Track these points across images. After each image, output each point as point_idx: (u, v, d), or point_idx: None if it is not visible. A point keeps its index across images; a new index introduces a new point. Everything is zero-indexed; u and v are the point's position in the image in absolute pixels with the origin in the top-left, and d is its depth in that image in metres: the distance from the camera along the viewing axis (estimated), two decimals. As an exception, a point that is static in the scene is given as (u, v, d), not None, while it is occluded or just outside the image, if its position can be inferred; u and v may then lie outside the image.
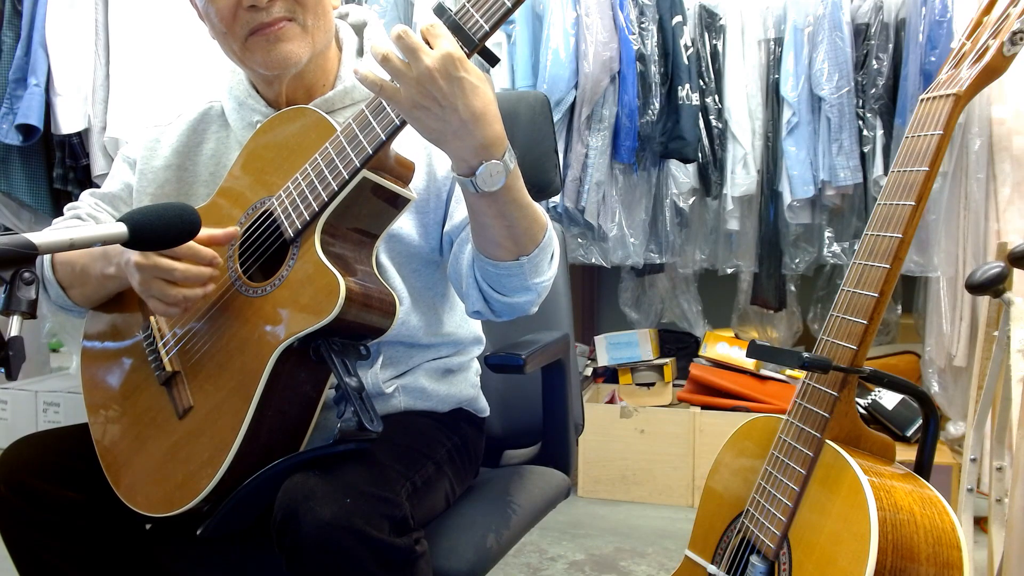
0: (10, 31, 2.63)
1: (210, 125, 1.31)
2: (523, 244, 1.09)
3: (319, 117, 1.13)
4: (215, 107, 1.32)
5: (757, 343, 1.21)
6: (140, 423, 1.16)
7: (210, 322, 1.14)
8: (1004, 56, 1.11)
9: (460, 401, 1.33)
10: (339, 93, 1.23)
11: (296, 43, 1.16)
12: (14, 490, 1.15)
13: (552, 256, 1.15)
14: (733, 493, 1.25)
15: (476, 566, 1.16)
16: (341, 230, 1.10)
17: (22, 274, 0.84)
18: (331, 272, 1.04)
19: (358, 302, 1.04)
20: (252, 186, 1.17)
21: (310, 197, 1.08)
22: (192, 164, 1.30)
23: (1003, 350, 1.59)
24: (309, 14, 1.17)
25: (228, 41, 1.18)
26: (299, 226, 1.08)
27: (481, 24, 0.98)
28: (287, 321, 1.06)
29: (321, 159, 1.08)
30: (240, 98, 1.27)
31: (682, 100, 2.75)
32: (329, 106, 1.22)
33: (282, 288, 1.08)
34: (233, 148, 1.28)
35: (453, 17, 0.99)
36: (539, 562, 2.42)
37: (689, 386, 3.00)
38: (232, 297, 1.12)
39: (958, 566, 1.01)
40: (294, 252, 1.09)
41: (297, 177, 1.10)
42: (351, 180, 1.06)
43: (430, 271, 1.27)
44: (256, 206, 1.15)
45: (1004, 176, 2.59)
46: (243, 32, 1.15)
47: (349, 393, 1.02)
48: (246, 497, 1.04)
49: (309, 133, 1.13)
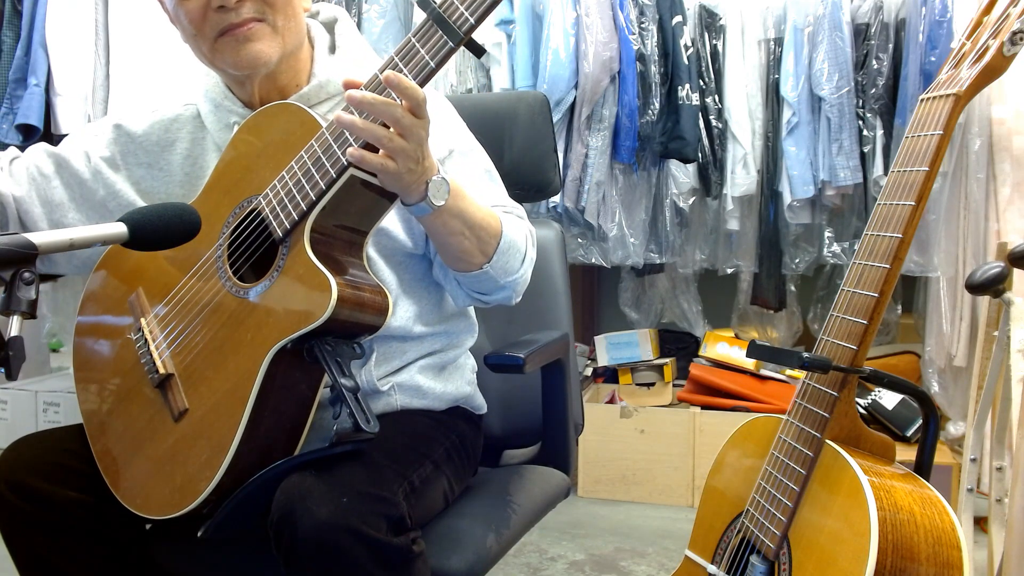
0: (10, 31, 2.63)
1: (184, 127, 1.30)
2: (485, 246, 1.14)
3: (304, 113, 1.12)
4: (189, 110, 1.31)
5: (757, 343, 1.21)
6: (136, 426, 1.15)
7: (202, 324, 1.12)
8: (1004, 56, 1.11)
9: (457, 399, 1.33)
10: (314, 88, 1.23)
11: (265, 43, 1.16)
12: (14, 490, 1.15)
13: (524, 254, 1.20)
14: (733, 493, 1.25)
15: (475, 566, 1.16)
16: (330, 228, 1.09)
17: (22, 274, 0.84)
18: (322, 273, 1.03)
19: (350, 302, 1.04)
20: (238, 184, 1.16)
21: (297, 196, 1.07)
22: (167, 164, 1.29)
23: (1003, 350, 1.59)
24: (279, 15, 1.17)
25: (198, 43, 1.18)
26: (288, 225, 1.07)
27: (467, 17, 0.98)
28: (279, 322, 1.05)
29: (307, 156, 1.07)
30: (216, 100, 1.27)
31: (682, 100, 2.75)
32: (305, 102, 1.21)
33: (274, 288, 1.07)
34: (210, 150, 1.27)
35: (437, 10, 0.99)
36: (539, 562, 2.42)
37: (689, 386, 3.00)
38: (223, 298, 1.11)
39: (958, 566, 1.01)
40: (283, 252, 1.08)
41: (284, 175, 1.09)
42: (339, 178, 1.05)
43: (415, 262, 1.28)
44: (243, 204, 1.14)
45: (1004, 176, 2.59)
46: (212, 33, 1.15)
47: (344, 394, 1.02)
48: (246, 498, 1.03)
49: (294, 129, 1.11)
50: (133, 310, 1.20)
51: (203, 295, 1.13)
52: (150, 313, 1.19)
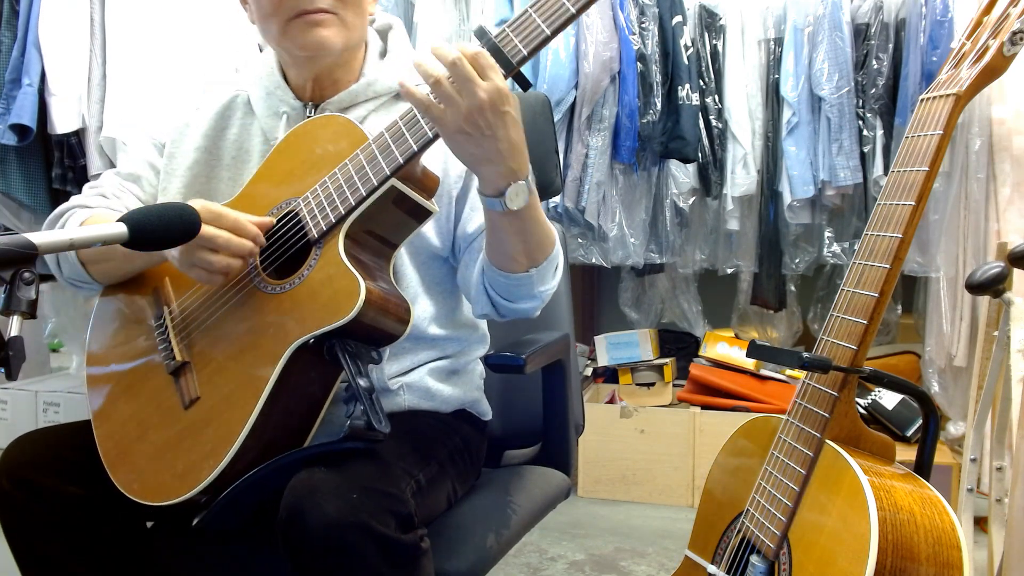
0: (8, 31, 2.62)
1: (235, 112, 1.35)
2: (535, 257, 1.15)
3: (351, 125, 1.15)
4: (241, 96, 1.36)
5: (757, 343, 1.21)
6: (144, 411, 1.16)
7: (226, 315, 1.14)
8: (1004, 56, 1.11)
9: (463, 403, 1.34)
10: (362, 86, 1.29)
11: (333, 31, 1.22)
12: (17, 485, 1.16)
13: (557, 267, 1.21)
14: (733, 493, 1.25)
15: (476, 566, 1.16)
16: (364, 236, 1.12)
17: (22, 274, 0.84)
18: (352, 274, 1.06)
19: (376, 305, 1.06)
20: (279, 186, 1.19)
21: (337, 201, 1.10)
22: (217, 148, 1.34)
23: (1003, 350, 1.59)
24: (349, 11, 1.23)
25: (271, 22, 1.23)
26: (324, 228, 1.10)
27: (520, 49, 1.01)
28: (305, 319, 1.07)
29: (352, 165, 1.10)
30: (269, 88, 1.31)
31: (682, 100, 2.75)
32: (353, 98, 1.28)
33: (302, 286, 1.10)
34: (256, 135, 1.32)
35: (493, 40, 1.01)
36: (539, 562, 2.42)
37: (689, 386, 3.00)
38: (250, 293, 1.13)
39: (958, 566, 1.01)
40: (316, 253, 1.11)
41: (326, 180, 1.12)
42: (379, 187, 1.08)
43: (439, 264, 1.30)
44: (281, 206, 1.17)
45: (1004, 176, 2.59)
46: (287, 14, 1.21)
47: (360, 393, 1.03)
48: (245, 491, 1.04)
49: (340, 140, 1.15)
50: (157, 299, 1.22)
51: (230, 289, 1.15)
52: (174, 303, 1.21)
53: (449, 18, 2.81)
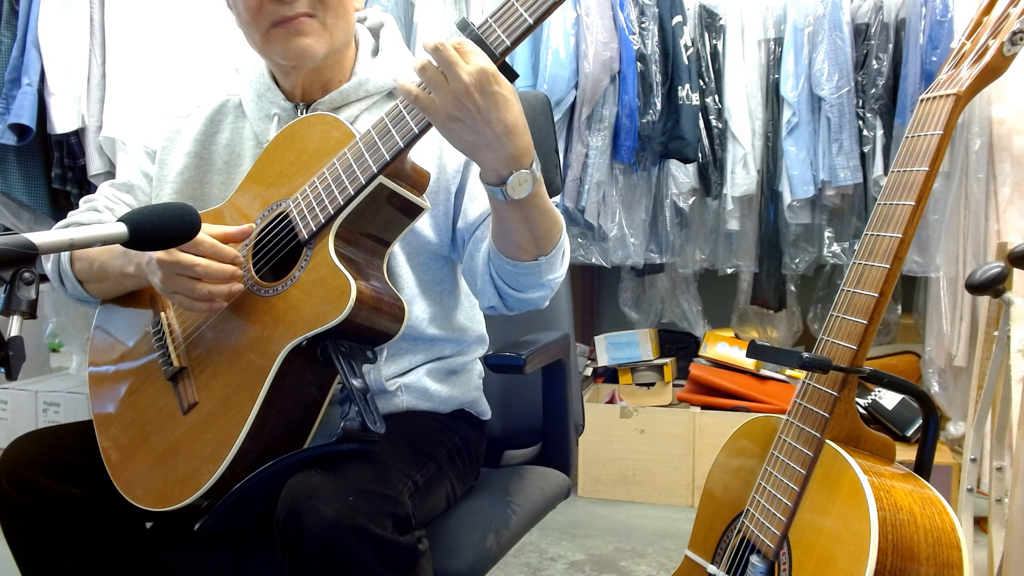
0: (8, 31, 2.62)
1: (226, 116, 1.35)
2: (543, 245, 1.13)
3: (339, 123, 1.15)
4: (232, 99, 1.35)
5: (757, 343, 1.21)
6: (144, 417, 1.16)
7: (220, 320, 1.14)
8: (1004, 56, 1.11)
9: (462, 403, 1.34)
10: (353, 85, 1.28)
11: (314, 38, 1.21)
12: (16, 486, 1.16)
13: (564, 253, 1.19)
14: (733, 493, 1.25)
15: (476, 566, 1.16)
16: (355, 235, 1.11)
17: (22, 274, 0.84)
18: (343, 274, 1.05)
19: (369, 305, 1.05)
20: (270, 188, 1.19)
21: (326, 200, 1.10)
22: (208, 153, 1.33)
23: (1003, 350, 1.59)
24: (330, 13, 1.22)
25: (251, 31, 1.23)
26: (314, 228, 1.10)
27: (503, 39, 1.00)
28: (297, 320, 1.07)
29: (339, 163, 1.10)
30: (260, 91, 1.31)
31: (682, 100, 2.75)
32: (344, 98, 1.27)
33: (294, 288, 1.09)
34: (248, 138, 1.31)
35: (476, 31, 1.01)
36: (539, 562, 2.42)
37: (689, 386, 3.00)
38: (243, 296, 1.13)
39: (958, 566, 1.01)
40: (307, 254, 1.10)
41: (315, 180, 1.12)
42: (367, 185, 1.08)
43: (438, 265, 1.30)
44: (272, 207, 1.17)
45: (1004, 176, 2.59)
46: (266, 23, 1.20)
47: (354, 394, 1.03)
48: (245, 493, 1.04)
49: (329, 139, 1.14)
50: (154, 304, 1.22)
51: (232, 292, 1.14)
52: (171, 308, 1.21)
53: (449, 18, 2.81)
